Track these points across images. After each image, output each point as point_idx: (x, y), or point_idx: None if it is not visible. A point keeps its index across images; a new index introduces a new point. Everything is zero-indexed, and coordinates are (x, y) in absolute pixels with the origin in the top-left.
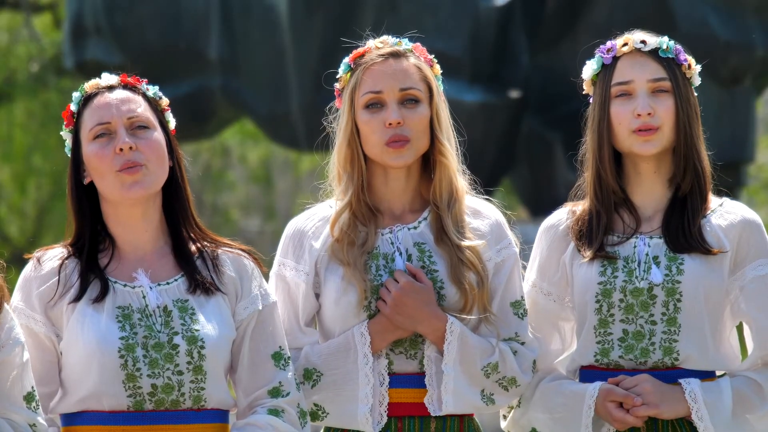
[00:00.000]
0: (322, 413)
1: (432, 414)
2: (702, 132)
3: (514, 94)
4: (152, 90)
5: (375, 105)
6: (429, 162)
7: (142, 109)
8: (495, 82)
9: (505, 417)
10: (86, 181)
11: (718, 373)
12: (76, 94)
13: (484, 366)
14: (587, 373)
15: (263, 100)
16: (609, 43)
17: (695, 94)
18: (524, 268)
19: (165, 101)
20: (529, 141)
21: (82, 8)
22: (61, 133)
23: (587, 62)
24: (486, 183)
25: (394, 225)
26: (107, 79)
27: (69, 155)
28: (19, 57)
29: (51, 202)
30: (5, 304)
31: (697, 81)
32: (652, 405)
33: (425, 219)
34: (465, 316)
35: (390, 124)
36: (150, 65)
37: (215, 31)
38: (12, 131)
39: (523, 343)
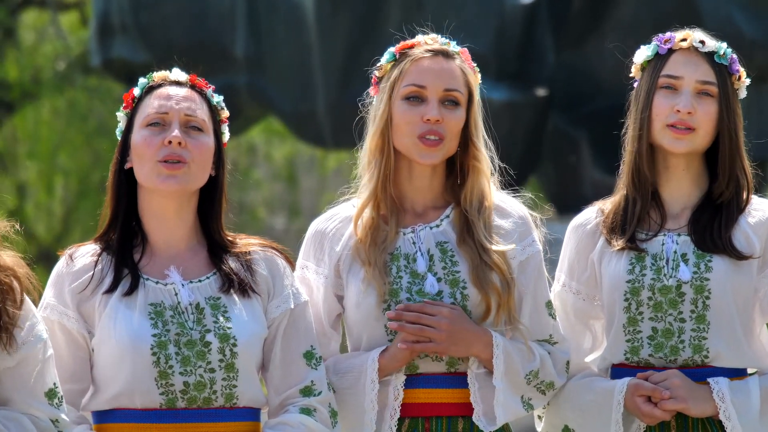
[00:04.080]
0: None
1: (484, 430)
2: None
3: (540, 92)
4: (216, 98)
5: (415, 98)
6: (454, 164)
7: (201, 111)
8: (520, 80)
9: (540, 418)
10: (128, 165)
11: (750, 370)
12: (142, 80)
13: (527, 374)
14: (618, 371)
15: (289, 98)
16: (668, 34)
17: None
18: (550, 264)
19: (225, 113)
20: (554, 139)
21: (109, 6)
22: (117, 113)
23: (641, 47)
24: (512, 181)
25: (416, 224)
26: (176, 74)
27: (119, 137)
28: (45, 55)
29: (77, 201)
30: (28, 301)
31: (743, 93)
32: (680, 399)
33: (447, 217)
34: (503, 329)
35: (429, 120)
36: (176, 63)
37: (241, 29)
38: (38, 129)
39: (555, 344)
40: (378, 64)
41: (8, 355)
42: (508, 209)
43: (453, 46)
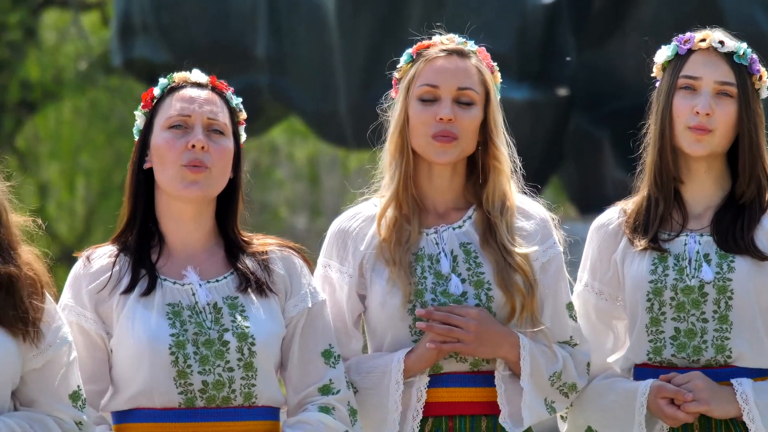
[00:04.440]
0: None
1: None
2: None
3: (562, 91)
4: (235, 100)
5: (429, 98)
6: (475, 164)
7: (223, 115)
8: (542, 79)
9: (563, 418)
10: (146, 165)
11: None
12: (163, 80)
13: (550, 376)
14: (641, 371)
15: (310, 98)
16: (688, 34)
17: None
18: (572, 264)
19: (243, 114)
20: (576, 139)
21: (130, 6)
22: (136, 112)
23: (662, 47)
24: (533, 181)
25: (439, 224)
26: (197, 75)
27: (137, 136)
28: (67, 55)
29: (99, 201)
30: (51, 301)
31: (765, 93)
32: (702, 402)
33: (470, 218)
34: (529, 330)
35: (441, 119)
36: (197, 63)
37: (262, 29)
38: (60, 129)
39: (575, 345)
40: (398, 66)
41: (34, 357)
42: (530, 211)
43: (470, 46)
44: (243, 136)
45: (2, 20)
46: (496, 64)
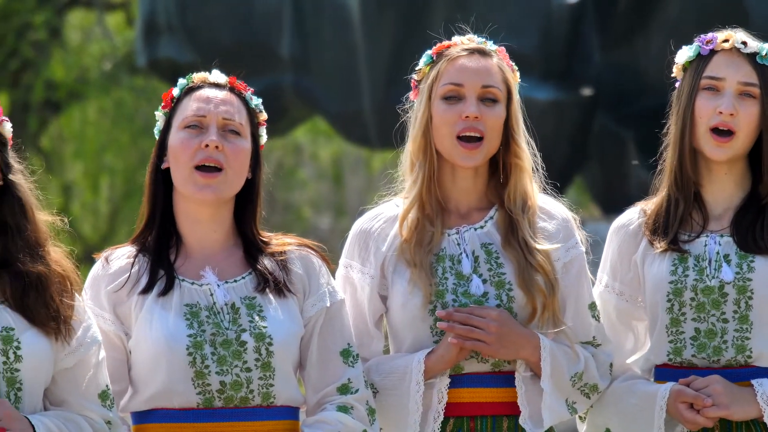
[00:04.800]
0: None
1: None
2: None
3: (586, 91)
4: (255, 101)
5: (453, 97)
6: (497, 163)
7: (240, 115)
8: (566, 79)
9: (582, 419)
10: (164, 166)
11: None
12: (182, 81)
13: (572, 376)
14: (662, 372)
15: (334, 98)
16: (710, 35)
17: None
18: (594, 264)
19: (263, 116)
20: (600, 139)
21: (155, 6)
22: (156, 113)
23: (683, 47)
24: (557, 181)
25: (461, 225)
26: (216, 76)
27: (157, 136)
28: (91, 55)
29: (123, 201)
30: (80, 301)
31: None
32: (722, 406)
33: (492, 218)
34: (551, 331)
35: (467, 116)
36: (222, 63)
37: (287, 29)
38: (84, 129)
39: (598, 346)
40: (416, 68)
41: (66, 356)
42: (552, 211)
43: (490, 45)
44: (263, 137)
45: (27, 20)
46: (515, 63)
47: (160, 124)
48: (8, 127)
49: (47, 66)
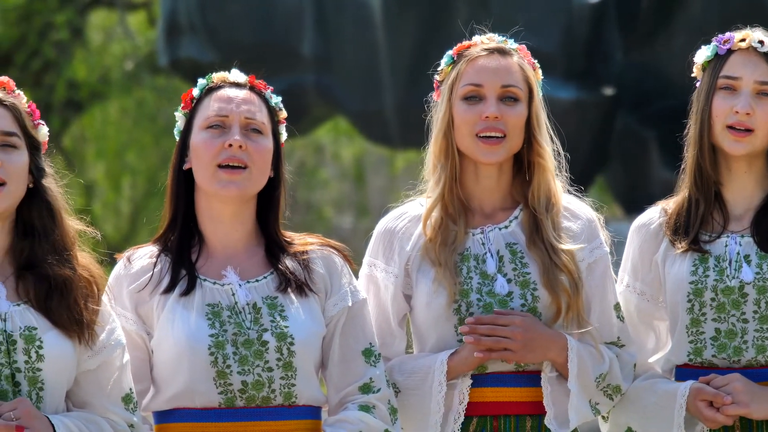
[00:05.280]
0: None
1: None
2: None
3: (608, 91)
4: (275, 99)
5: (474, 98)
6: (522, 162)
7: (261, 114)
8: (588, 79)
9: (605, 418)
10: (186, 166)
11: None
12: (202, 81)
13: (596, 377)
14: (682, 372)
15: (356, 97)
16: (727, 34)
17: None
18: (617, 264)
19: (283, 113)
20: (623, 138)
21: (176, 6)
22: (176, 113)
23: (702, 47)
24: (579, 180)
25: (485, 225)
26: (236, 75)
27: (177, 137)
28: (113, 55)
29: (145, 200)
30: (106, 303)
31: None
32: (742, 404)
33: (516, 218)
34: (576, 332)
35: (487, 117)
36: (243, 63)
37: (309, 28)
38: (106, 129)
39: (622, 347)
40: (439, 68)
41: (89, 358)
42: (576, 211)
43: (510, 44)
44: (283, 135)
45: (49, 20)
46: (537, 61)
47: (180, 125)
48: (44, 131)
49: (69, 66)
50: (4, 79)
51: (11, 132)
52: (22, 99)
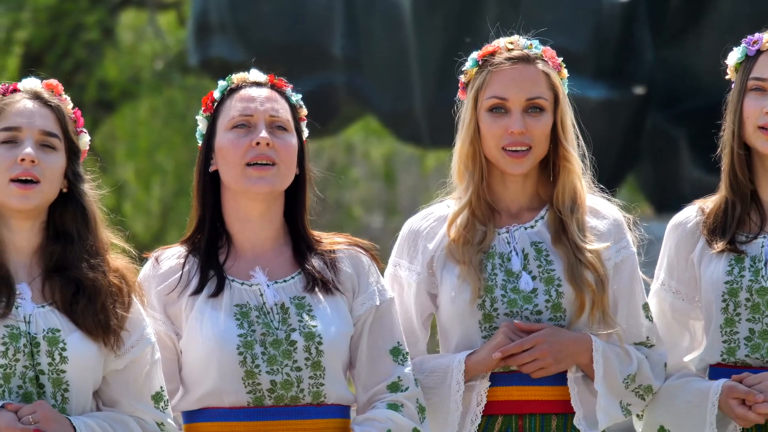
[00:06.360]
0: None
1: None
2: None
3: (638, 90)
4: (295, 97)
5: (499, 110)
6: (547, 163)
7: (284, 111)
8: (618, 78)
9: (639, 417)
10: (212, 168)
11: None
12: (222, 83)
13: (624, 378)
14: (716, 371)
15: (386, 97)
16: (756, 35)
17: None
18: (646, 265)
19: (304, 111)
20: (653, 137)
21: (207, 6)
22: (197, 117)
23: (733, 48)
24: (609, 180)
25: (511, 224)
26: (256, 75)
27: (200, 141)
28: (143, 55)
29: (175, 200)
30: (137, 304)
31: None
32: None
33: (542, 218)
34: (603, 332)
35: (512, 132)
36: (274, 62)
37: (339, 28)
38: (136, 129)
39: (652, 346)
40: (463, 69)
41: (116, 358)
42: (602, 212)
43: (535, 47)
44: (305, 132)
45: (80, 20)
46: (566, 62)
47: (202, 128)
48: (86, 140)
49: (100, 66)
50: (53, 81)
51: (52, 133)
52: (68, 104)
